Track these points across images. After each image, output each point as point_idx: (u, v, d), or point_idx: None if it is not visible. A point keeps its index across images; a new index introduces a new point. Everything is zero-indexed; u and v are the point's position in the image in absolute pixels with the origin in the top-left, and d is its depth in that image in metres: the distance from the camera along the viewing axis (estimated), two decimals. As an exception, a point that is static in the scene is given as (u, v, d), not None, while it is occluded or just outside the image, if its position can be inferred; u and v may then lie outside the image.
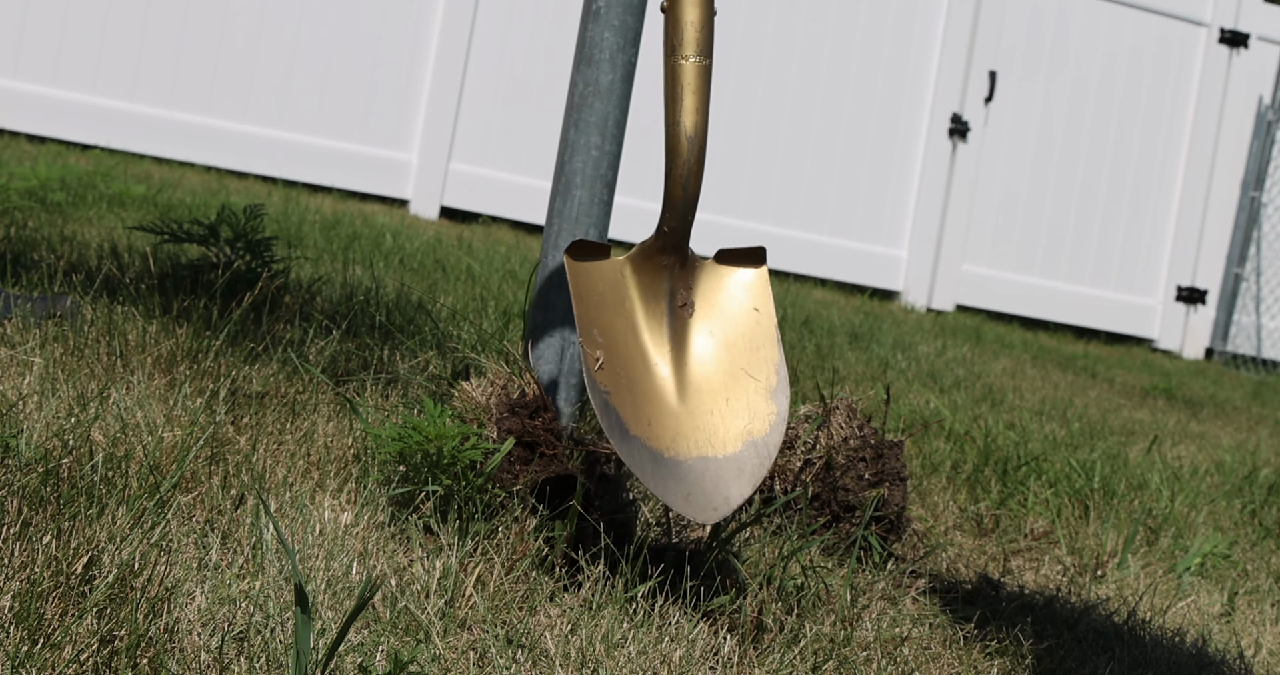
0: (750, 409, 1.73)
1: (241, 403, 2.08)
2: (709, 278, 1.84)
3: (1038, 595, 2.19)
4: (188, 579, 1.50)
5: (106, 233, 3.39)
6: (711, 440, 1.71)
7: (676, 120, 1.78)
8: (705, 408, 1.73)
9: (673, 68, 1.77)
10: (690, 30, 1.77)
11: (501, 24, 6.34)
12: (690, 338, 1.78)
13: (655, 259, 1.79)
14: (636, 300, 1.79)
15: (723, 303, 1.80)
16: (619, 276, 1.80)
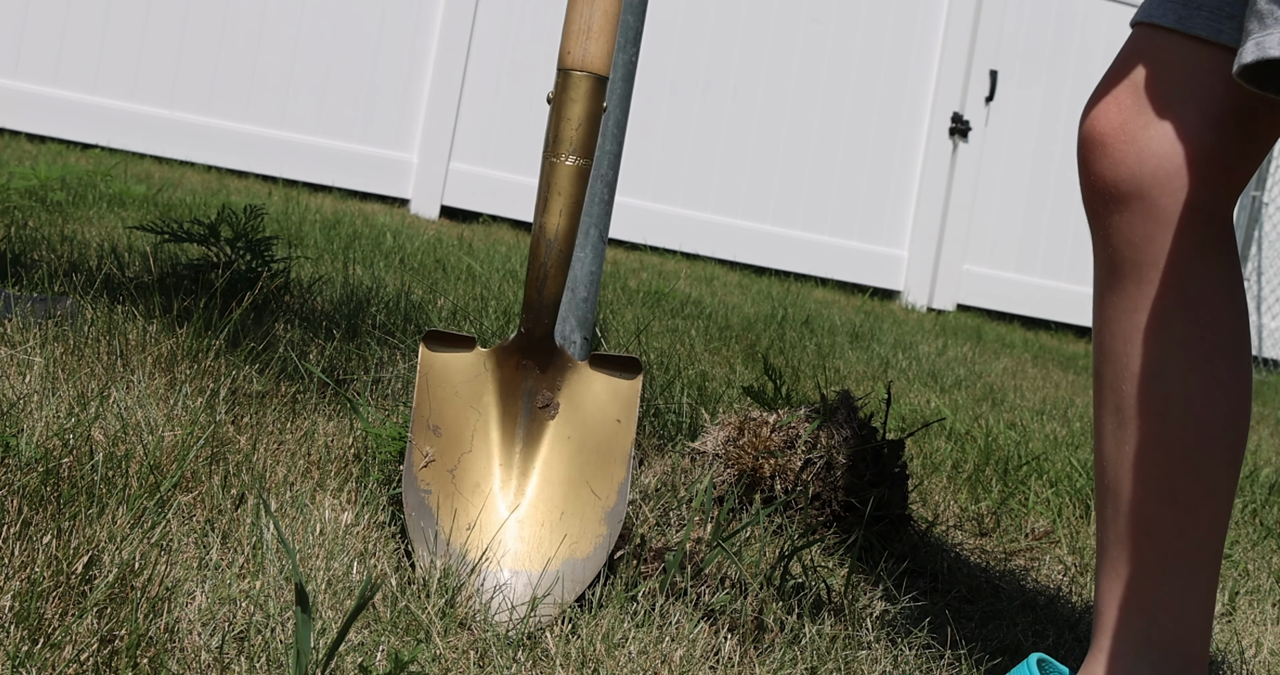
0: (581, 526, 1.67)
1: (242, 402, 2.08)
2: (580, 380, 1.73)
3: (1038, 595, 2.19)
4: (188, 579, 1.50)
5: (107, 232, 3.39)
6: (532, 554, 1.66)
7: (540, 221, 1.72)
8: (537, 518, 1.67)
9: (548, 165, 1.71)
10: (569, 127, 1.71)
11: (501, 24, 6.34)
12: (544, 439, 1.71)
13: (517, 356, 1.73)
14: (494, 396, 1.73)
15: (588, 408, 1.72)
16: (480, 370, 1.73)
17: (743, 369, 3.40)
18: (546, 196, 1.71)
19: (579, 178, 1.71)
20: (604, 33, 1.71)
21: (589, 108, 1.72)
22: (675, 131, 6.67)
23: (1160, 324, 1.51)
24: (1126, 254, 1.52)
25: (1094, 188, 1.55)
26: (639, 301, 4.31)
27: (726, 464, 2.23)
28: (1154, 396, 1.51)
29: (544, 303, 1.73)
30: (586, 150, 1.71)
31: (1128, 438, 1.54)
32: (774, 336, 4.07)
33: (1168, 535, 1.51)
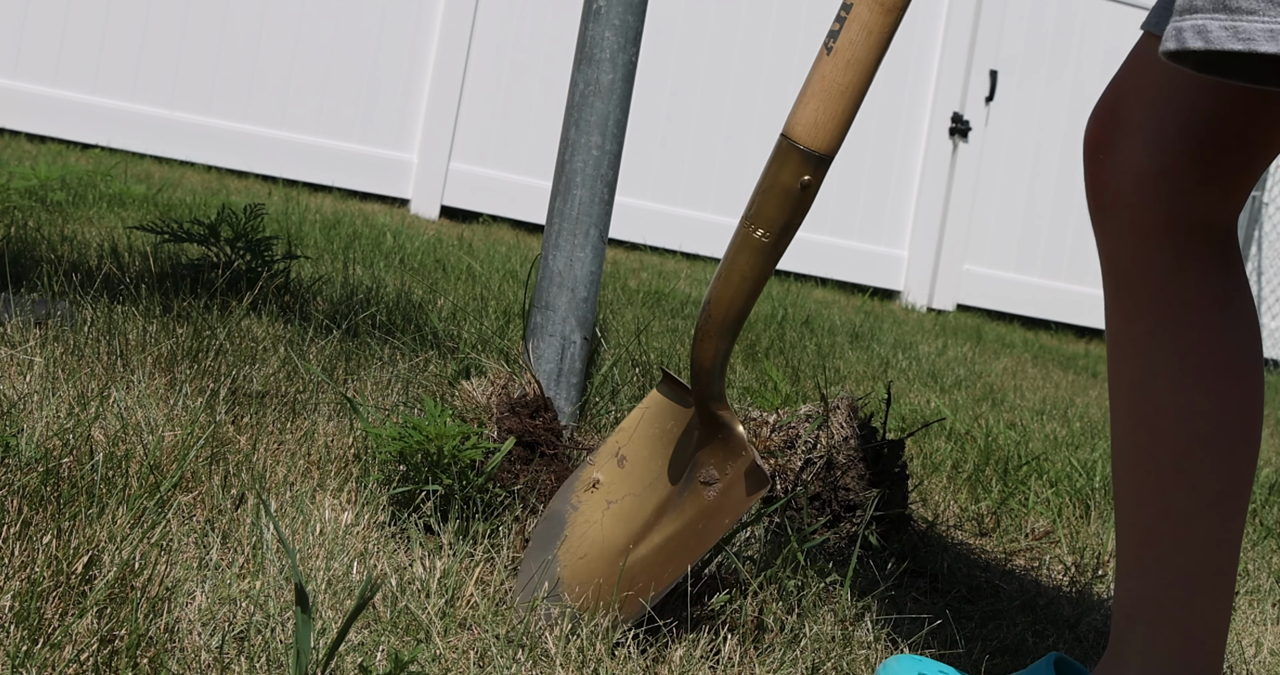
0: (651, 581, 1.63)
1: (242, 402, 2.08)
2: (739, 467, 1.64)
3: (1039, 595, 2.19)
4: (188, 579, 1.50)
5: (107, 232, 3.39)
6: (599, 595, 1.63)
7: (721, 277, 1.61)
8: (630, 570, 1.63)
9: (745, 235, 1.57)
10: (756, 192, 1.58)
11: (501, 24, 6.34)
12: (685, 508, 1.66)
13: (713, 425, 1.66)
14: (682, 454, 1.69)
15: (730, 499, 1.64)
16: (687, 426, 1.70)
17: (743, 369, 3.39)
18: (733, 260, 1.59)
19: (749, 250, 1.57)
20: (816, 98, 1.54)
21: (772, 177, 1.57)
22: (675, 131, 6.67)
23: (1148, 335, 1.50)
24: (1116, 263, 1.52)
25: (1087, 195, 1.55)
26: (639, 301, 4.31)
27: (726, 464, 2.23)
28: (1145, 408, 1.50)
29: (694, 367, 1.63)
30: (765, 221, 1.56)
31: (1123, 448, 1.53)
32: (774, 336, 4.07)
33: (1164, 549, 1.50)
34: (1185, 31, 1.24)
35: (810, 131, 1.55)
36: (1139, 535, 1.51)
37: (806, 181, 1.56)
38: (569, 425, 2.22)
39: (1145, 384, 1.50)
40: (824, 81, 1.54)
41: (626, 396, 2.49)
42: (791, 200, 1.57)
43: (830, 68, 1.55)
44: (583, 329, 2.24)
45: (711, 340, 1.61)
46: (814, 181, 1.57)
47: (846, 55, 1.53)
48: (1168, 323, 1.49)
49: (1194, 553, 1.48)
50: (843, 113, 1.55)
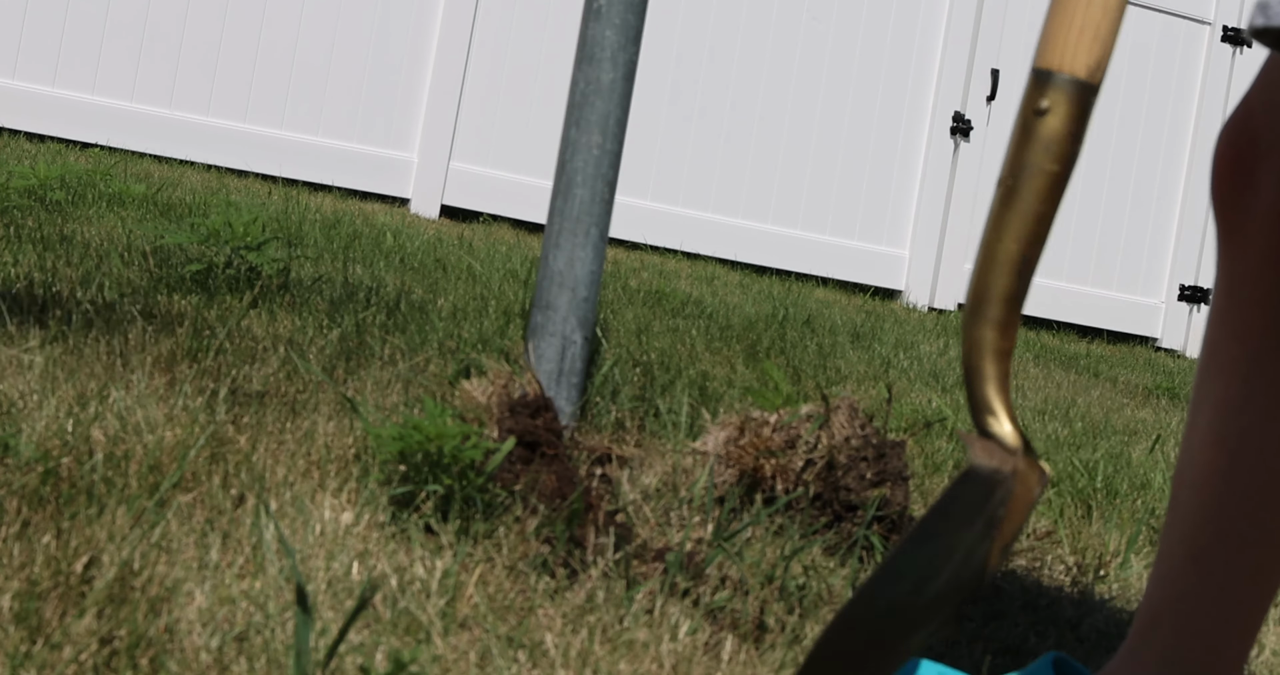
0: None
1: (242, 402, 2.08)
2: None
3: (1040, 595, 2.19)
4: (188, 579, 1.50)
5: (106, 231, 3.39)
6: None
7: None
8: None
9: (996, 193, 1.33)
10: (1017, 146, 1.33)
11: (501, 24, 6.34)
12: None
13: None
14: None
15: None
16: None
17: (744, 369, 3.39)
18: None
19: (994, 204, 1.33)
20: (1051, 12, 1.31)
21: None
22: (675, 131, 6.67)
23: (1253, 359, 1.46)
24: (1238, 283, 1.47)
25: (1216, 214, 1.50)
26: (639, 301, 4.31)
27: (727, 464, 2.23)
28: (1229, 430, 1.47)
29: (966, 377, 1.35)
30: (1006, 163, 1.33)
31: (1194, 463, 1.50)
32: (775, 336, 4.06)
33: (1214, 567, 1.48)
34: (1272, 6, 1.20)
35: (1041, 49, 1.31)
36: (1189, 549, 1.48)
37: (1043, 107, 1.30)
38: (569, 425, 2.22)
39: (1237, 406, 1.46)
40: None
41: (627, 396, 2.49)
42: (1026, 131, 1.31)
43: None
44: (583, 329, 2.23)
45: (970, 327, 1.32)
46: (1056, 108, 1.29)
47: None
48: (1276, 350, 1.45)
49: (1243, 576, 1.46)
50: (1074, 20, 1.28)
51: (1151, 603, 1.52)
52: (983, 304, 1.30)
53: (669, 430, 2.49)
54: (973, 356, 1.31)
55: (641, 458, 2.29)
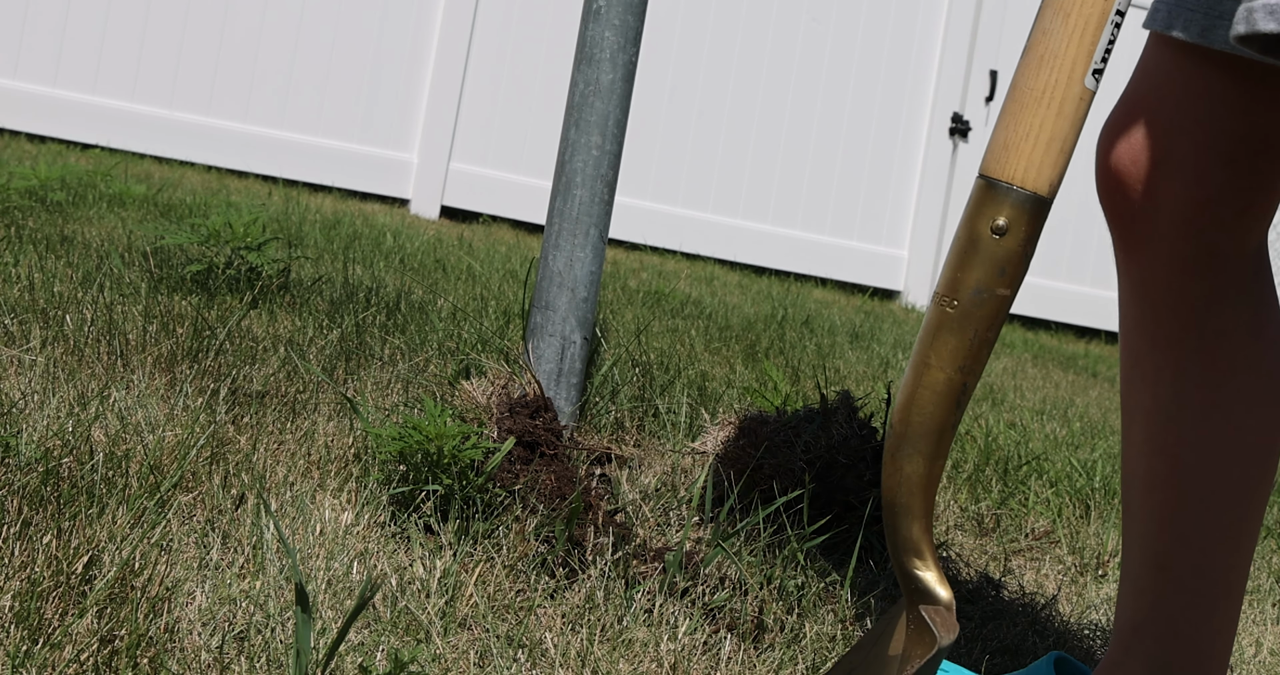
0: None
1: (242, 402, 2.08)
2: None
3: (1039, 595, 2.19)
4: (188, 579, 1.50)
5: (107, 232, 3.39)
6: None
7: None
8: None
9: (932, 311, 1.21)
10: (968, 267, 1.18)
11: (501, 24, 6.34)
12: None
13: None
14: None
15: None
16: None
17: (743, 369, 3.39)
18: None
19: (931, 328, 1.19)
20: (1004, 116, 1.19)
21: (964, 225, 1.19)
22: (675, 131, 6.67)
23: (1176, 365, 1.43)
24: (1146, 292, 1.43)
25: (1110, 223, 1.44)
26: (639, 301, 4.31)
27: (726, 464, 2.23)
28: (1166, 437, 1.45)
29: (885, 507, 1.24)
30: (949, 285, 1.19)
31: (1138, 472, 1.47)
32: (774, 336, 4.07)
33: (1179, 572, 1.46)
34: (1256, 12, 1.10)
35: (998, 157, 1.16)
36: (1152, 557, 1.47)
37: (1001, 226, 1.16)
38: (569, 425, 2.22)
39: (1169, 413, 1.44)
40: (1014, 91, 1.17)
41: (626, 396, 2.49)
42: (976, 249, 1.16)
43: (1021, 72, 1.17)
44: (583, 329, 2.24)
45: (894, 460, 1.20)
46: (1015, 228, 1.15)
47: (1039, 50, 1.15)
48: (1199, 353, 1.42)
49: (1209, 576, 1.45)
50: (1041, 131, 1.15)
51: (1127, 612, 1.50)
52: (915, 436, 1.18)
53: (668, 430, 2.49)
54: (900, 493, 1.20)
55: (641, 458, 2.30)
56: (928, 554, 1.23)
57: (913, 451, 1.19)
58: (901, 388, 1.21)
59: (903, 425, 1.19)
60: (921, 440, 1.19)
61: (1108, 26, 1.13)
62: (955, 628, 1.23)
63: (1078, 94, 1.14)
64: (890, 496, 1.21)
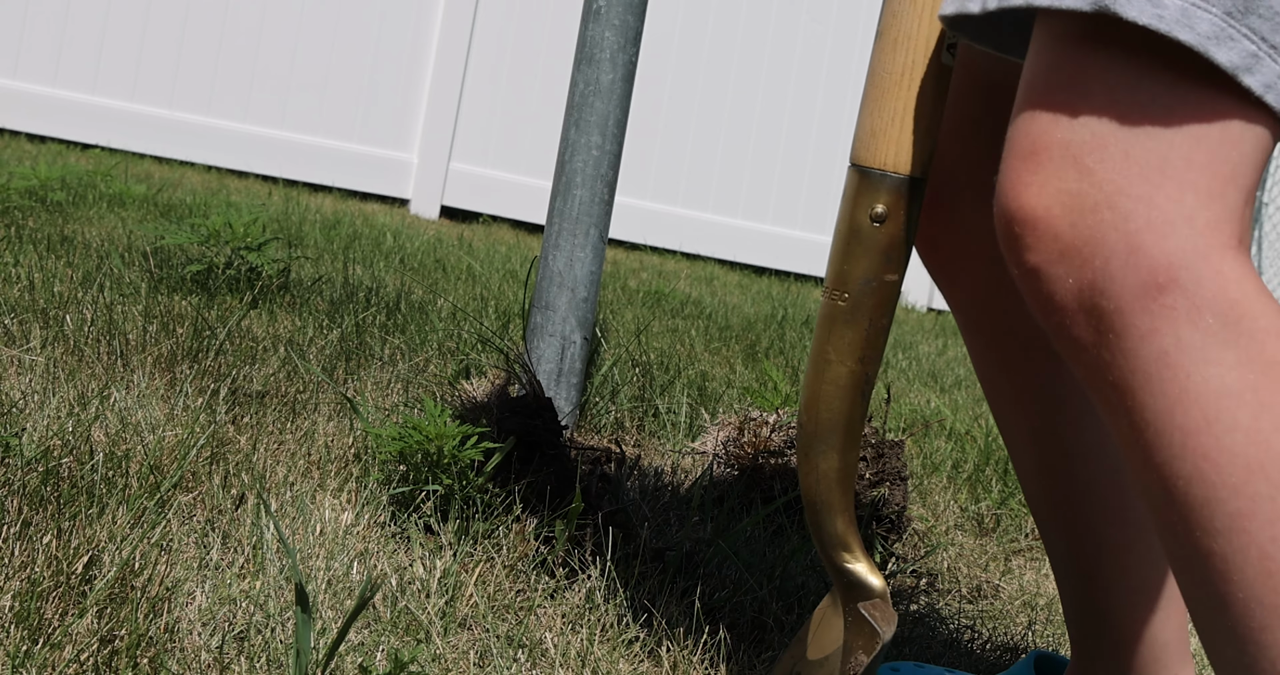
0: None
1: (242, 402, 2.08)
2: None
3: (1039, 595, 2.19)
4: (188, 579, 1.50)
5: (107, 232, 3.39)
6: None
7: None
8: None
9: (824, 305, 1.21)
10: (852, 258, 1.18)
11: (501, 24, 6.34)
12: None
13: None
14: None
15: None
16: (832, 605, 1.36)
17: (743, 369, 3.39)
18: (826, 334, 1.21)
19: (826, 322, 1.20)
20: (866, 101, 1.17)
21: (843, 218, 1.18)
22: (675, 131, 6.67)
23: (1037, 387, 1.43)
24: (980, 324, 1.45)
25: (925, 260, 1.45)
26: (639, 301, 4.31)
27: (726, 464, 2.23)
28: (1053, 454, 1.44)
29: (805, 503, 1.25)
30: (836, 278, 1.19)
31: (1039, 494, 1.47)
32: (774, 336, 4.07)
33: (1111, 576, 1.45)
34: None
35: (866, 144, 1.16)
36: (1079, 571, 1.47)
37: (879, 213, 1.16)
38: (569, 425, 2.23)
39: (1047, 430, 1.44)
40: (872, 76, 1.16)
41: (626, 396, 2.49)
42: (859, 239, 1.17)
43: (877, 56, 1.15)
44: (583, 329, 2.24)
45: (808, 458, 1.21)
46: (894, 213, 1.15)
47: (891, 33, 1.14)
48: (1056, 370, 1.41)
49: (1139, 573, 1.45)
50: (905, 113, 1.14)
51: (1076, 624, 1.50)
52: (825, 431, 1.19)
53: (668, 430, 2.49)
54: (819, 489, 1.20)
55: (641, 458, 2.30)
56: (855, 546, 1.25)
57: (825, 447, 1.20)
58: (804, 385, 1.21)
59: (811, 423, 1.20)
60: (832, 435, 1.20)
61: None
62: (893, 617, 1.25)
63: (936, 72, 1.13)
64: (809, 494, 1.22)
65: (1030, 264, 1.01)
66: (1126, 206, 0.98)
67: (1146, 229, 0.98)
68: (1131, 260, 0.98)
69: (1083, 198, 0.99)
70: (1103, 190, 0.98)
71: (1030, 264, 1.01)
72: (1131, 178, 0.98)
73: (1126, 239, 0.98)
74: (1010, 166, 1.02)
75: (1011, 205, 1.01)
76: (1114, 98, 0.98)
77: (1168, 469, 0.99)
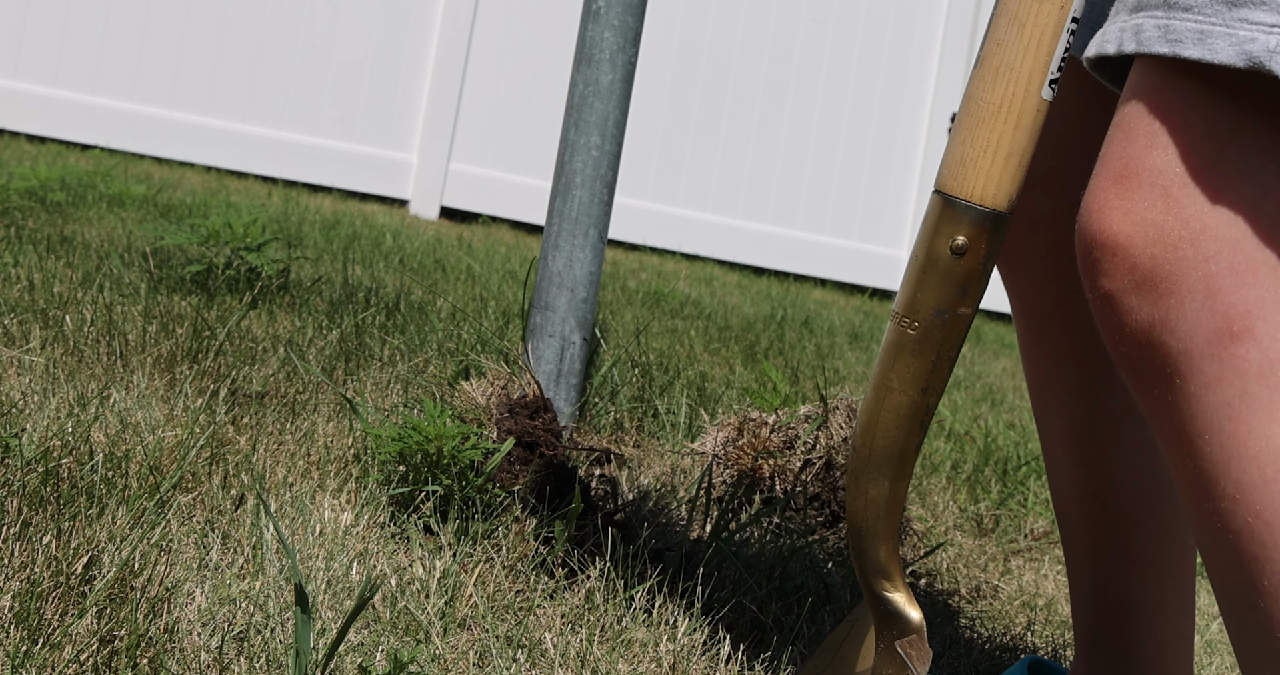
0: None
1: (241, 403, 2.08)
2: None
3: (1038, 595, 2.19)
4: (188, 579, 1.50)
5: (107, 233, 3.39)
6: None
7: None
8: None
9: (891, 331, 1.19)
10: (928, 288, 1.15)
11: (501, 24, 6.34)
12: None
13: None
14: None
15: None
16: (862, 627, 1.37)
17: (742, 369, 3.40)
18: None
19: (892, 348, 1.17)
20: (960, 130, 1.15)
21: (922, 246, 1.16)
22: (675, 132, 6.67)
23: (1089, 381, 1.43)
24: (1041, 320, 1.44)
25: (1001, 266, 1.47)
26: (639, 302, 4.31)
27: (726, 464, 2.23)
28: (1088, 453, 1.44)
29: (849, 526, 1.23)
30: (909, 305, 1.16)
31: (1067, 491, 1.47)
32: (773, 337, 4.07)
33: (1129, 581, 1.44)
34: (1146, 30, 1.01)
35: (955, 173, 1.13)
36: (1097, 571, 1.47)
37: (961, 245, 1.12)
38: (568, 426, 2.23)
39: (1085, 428, 1.43)
40: (969, 104, 1.12)
41: (626, 397, 2.49)
42: (936, 268, 1.13)
43: (975, 85, 1.12)
44: (582, 329, 2.24)
45: (859, 483, 1.19)
46: (975, 247, 1.12)
47: (994, 61, 1.11)
48: (1107, 369, 1.40)
49: (1155, 579, 1.45)
50: (1000, 145, 1.11)
51: (1082, 623, 1.49)
52: (879, 459, 1.17)
53: (667, 431, 2.50)
54: (865, 516, 1.19)
55: (640, 458, 2.30)
56: (896, 575, 1.23)
57: (877, 474, 1.18)
58: (862, 409, 1.19)
59: (866, 448, 1.18)
60: (886, 463, 1.18)
61: (1064, 35, 1.10)
62: (929, 655, 1.24)
63: (1035, 106, 1.11)
64: (855, 519, 1.20)
65: (1105, 290, 0.99)
66: (1210, 247, 0.95)
67: (1228, 273, 0.95)
68: (1207, 304, 0.95)
69: (1166, 231, 0.96)
70: (1189, 226, 0.96)
71: (1105, 290, 0.99)
72: (1220, 217, 0.95)
73: (1205, 281, 0.95)
74: (1099, 187, 1.00)
75: (1095, 227, 0.99)
76: (1213, 133, 0.96)
77: (1218, 520, 0.97)
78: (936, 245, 1.13)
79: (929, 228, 1.14)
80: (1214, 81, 0.96)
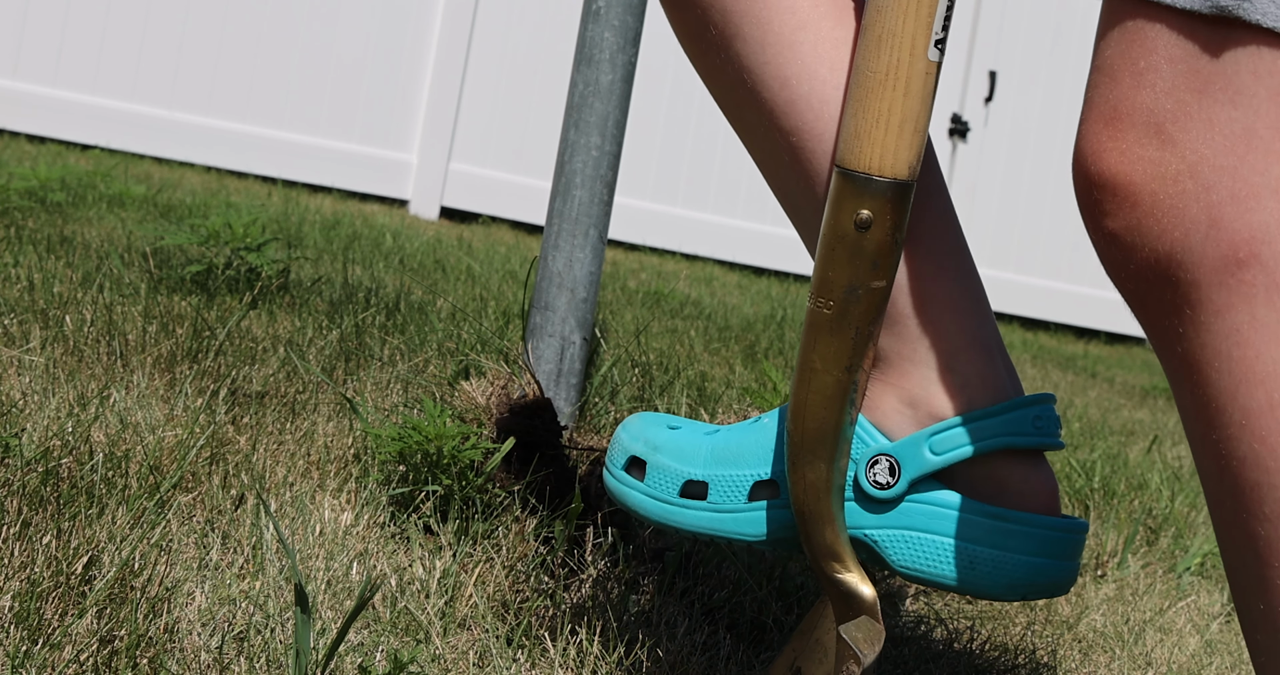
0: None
1: (241, 403, 2.08)
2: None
3: (1038, 595, 2.19)
4: (188, 579, 1.50)
5: (106, 233, 3.39)
6: None
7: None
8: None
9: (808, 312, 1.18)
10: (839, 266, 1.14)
11: (501, 24, 6.34)
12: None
13: None
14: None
15: None
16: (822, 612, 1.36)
17: (742, 369, 3.40)
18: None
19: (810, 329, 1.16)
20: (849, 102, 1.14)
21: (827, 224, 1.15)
22: (675, 131, 6.67)
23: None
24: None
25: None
26: (638, 302, 4.31)
27: (726, 464, 2.23)
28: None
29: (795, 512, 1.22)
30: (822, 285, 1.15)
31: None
32: (773, 337, 4.07)
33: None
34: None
35: (851, 147, 1.12)
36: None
37: (865, 219, 1.11)
38: (568, 426, 2.23)
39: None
40: (856, 75, 1.11)
41: (626, 397, 2.49)
42: (844, 245, 1.12)
43: (860, 55, 1.11)
44: (582, 330, 2.24)
45: (796, 468, 1.19)
46: (880, 218, 1.11)
47: (876, 29, 1.10)
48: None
49: None
50: (891, 113, 1.10)
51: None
52: (813, 441, 1.16)
53: (668, 431, 2.49)
54: (807, 499, 1.18)
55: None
56: (845, 556, 1.22)
57: (812, 458, 1.17)
58: (790, 394, 1.18)
59: (798, 433, 1.17)
60: (819, 445, 1.17)
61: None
62: (880, 634, 1.23)
63: (923, 69, 1.09)
64: (799, 505, 1.20)
65: (1108, 229, 0.99)
66: (1209, 177, 0.95)
67: (1229, 201, 0.95)
68: (1212, 233, 0.95)
69: (1164, 166, 0.96)
70: (1185, 159, 0.96)
71: (1108, 229, 0.99)
72: (1215, 147, 0.95)
73: (1208, 211, 0.95)
74: (1091, 131, 1.00)
75: (1092, 169, 0.99)
76: (1196, 65, 0.95)
77: (1223, 448, 0.96)
78: (841, 221, 1.11)
79: (832, 204, 1.13)
80: (1191, 12, 0.96)
